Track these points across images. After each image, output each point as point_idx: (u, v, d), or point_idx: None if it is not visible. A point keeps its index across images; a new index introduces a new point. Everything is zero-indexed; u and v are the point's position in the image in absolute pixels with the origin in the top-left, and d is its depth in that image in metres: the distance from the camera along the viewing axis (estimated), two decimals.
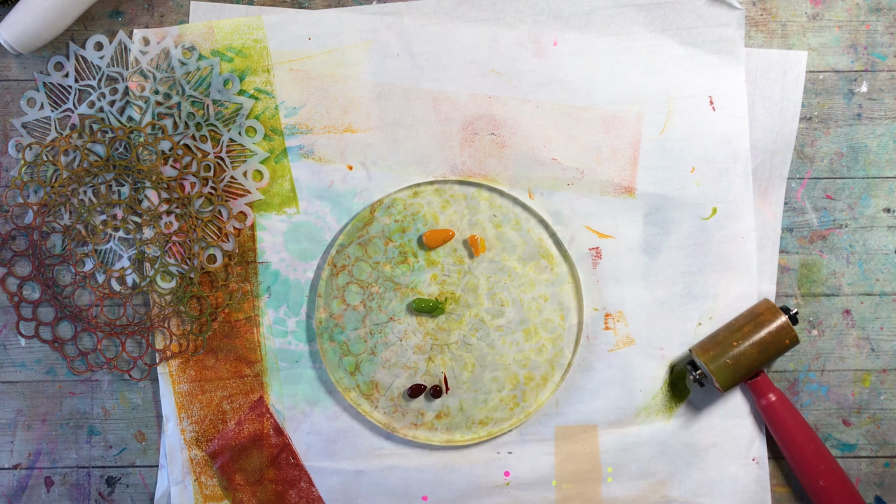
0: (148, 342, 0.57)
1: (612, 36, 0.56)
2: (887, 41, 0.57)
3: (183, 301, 0.56)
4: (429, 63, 0.56)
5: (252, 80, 0.56)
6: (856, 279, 0.58)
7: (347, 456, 0.58)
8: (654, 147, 0.56)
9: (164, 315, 0.56)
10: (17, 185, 0.56)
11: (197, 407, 0.57)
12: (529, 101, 0.56)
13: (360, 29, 0.56)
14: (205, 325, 0.57)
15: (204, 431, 0.57)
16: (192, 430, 0.57)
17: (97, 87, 0.56)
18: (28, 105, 0.56)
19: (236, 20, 0.56)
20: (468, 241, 0.56)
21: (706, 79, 0.56)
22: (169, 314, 0.56)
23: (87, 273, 0.56)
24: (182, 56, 0.55)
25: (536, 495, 0.57)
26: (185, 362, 0.57)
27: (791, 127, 0.57)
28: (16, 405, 0.58)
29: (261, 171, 0.56)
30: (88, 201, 0.56)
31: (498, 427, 0.56)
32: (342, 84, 0.56)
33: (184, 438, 0.57)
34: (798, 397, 0.58)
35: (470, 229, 0.56)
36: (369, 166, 0.56)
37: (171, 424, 0.57)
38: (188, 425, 0.57)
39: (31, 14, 0.52)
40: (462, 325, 0.56)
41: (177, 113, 0.55)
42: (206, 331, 0.57)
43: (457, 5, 0.56)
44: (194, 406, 0.57)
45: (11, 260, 0.57)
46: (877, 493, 0.58)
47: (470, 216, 0.56)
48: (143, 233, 0.56)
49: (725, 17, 0.56)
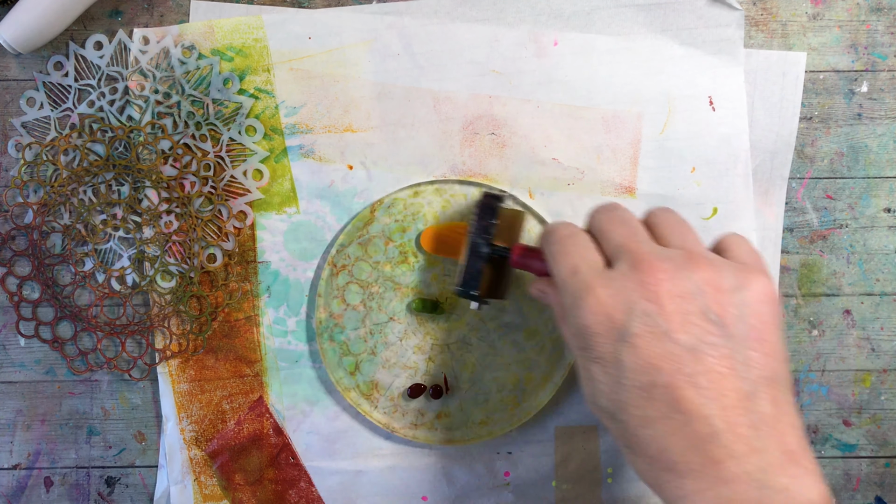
0: (148, 342, 0.57)
1: (613, 36, 0.56)
2: (888, 41, 0.57)
3: (183, 300, 0.56)
4: (429, 63, 0.56)
5: (252, 80, 0.56)
6: (856, 279, 0.58)
7: (347, 456, 0.58)
8: (655, 147, 0.56)
9: (164, 314, 0.56)
10: (17, 184, 0.56)
11: (196, 407, 0.57)
12: (530, 101, 0.56)
13: (360, 28, 0.56)
14: (205, 325, 0.57)
15: (203, 431, 0.57)
16: (191, 430, 0.57)
17: (97, 86, 0.56)
18: (28, 104, 0.56)
19: (236, 19, 0.56)
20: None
21: (706, 79, 0.56)
22: (169, 314, 0.56)
23: (87, 273, 0.56)
24: (182, 55, 0.55)
25: (536, 496, 0.57)
26: (185, 362, 0.57)
27: (791, 127, 0.57)
28: (15, 405, 0.58)
29: (261, 170, 0.56)
30: (88, 201, 0.56)
31: (498, 427, 0.56)
32: (342, 83, 0.56)
33: (183, 438, 0.57)
34: (799, 397, 0.58)
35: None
36: (369, 166, 0.56)
37: (170, 424, 0.57)
38: (188, 425, 0.57)
39: (30, 14, 0.52)
40: (462, 326, 0.56)
41: (176, 112, 0.55)
42: (206, 330, 0.56)
43: (457, 5, 0.56)
44: (194, 406, 0.57)
45: (11, 259, 0.57)
46: (877, 494, 0.58)
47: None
48: (143, 232, 0.56)
49: (725, 17, 0.56)
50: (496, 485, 0.57)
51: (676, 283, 0.38)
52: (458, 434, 0.57)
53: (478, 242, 0.50)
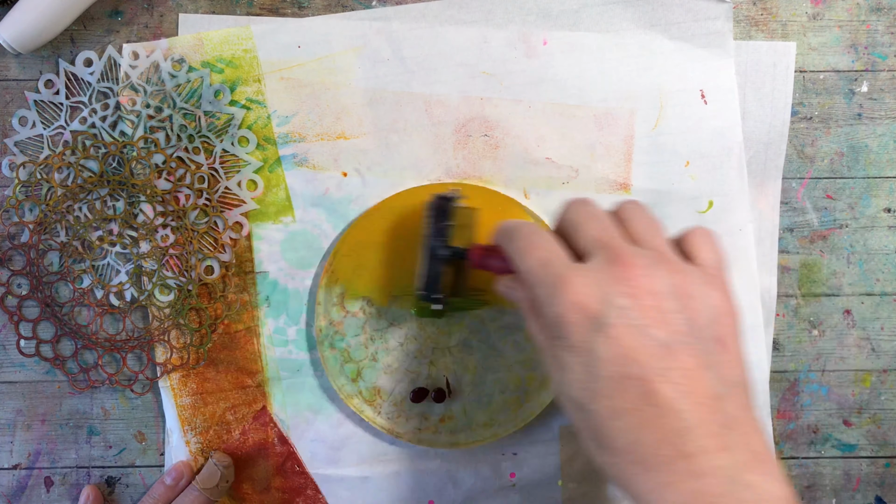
0: (148, 356, 0.57)
1: (602, 33, 0.56)
2: (888, 41, 0.57)
3: (182, 314, 0.56)
4: (419, 67, 0.56)
5: (243, 90, 0.56)
6: (856, 279, 0.58)
7: (352, 462, 0.58)
8: (648, 143, 0.56)
9: (164, 328, 0.56)
10: (13, 204, 0.56)
11: (200, 419, 0.57)
12: (521, 102, 0.56)
13: (349, 35, 0.56)
14: (205, 337, 0.57)
15: (209, 443, 0.57)
16: (196, 442, 0.57)
17: (88, 102, 0.56)
18: (20, 123, 0.56)
19: (225, 31, 0.56)
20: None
21: (697, 73, 0.56)
22: (168, 327, 0.56)
23: (85, 289, 0.56)
24: (172, 69, 0.55)
25: (543, 496, 0.57)
26: (186, 375, 0.57)
27: (784, 118, 0.56)
28: (15, 405, 0.58)
29: (255, 180, 0.56)
30: (84, 217, 0.56)
31: (502, 429, 0.56)
32: (333, 91, 0.56)
33: (189, 450, 0.57)
34: (798, 397, 0.58)
35: None
36: (364, 172, 0.56)
37: (175, 437, 0.57)
38: (192, 437, 0.57)
39: (30, 14, 0.52)
40: (463, 328, 0.56)
41: (169, 126, 0.55)
42: (206, 343, 0.56)
43: (445, 8, 0.56)
44: (197, 418, 0.57)
45: (10, 280, 0.57)
46: (877, 494, 0.58)
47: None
48: (140, 247, 0.56)
49: (713, 10, 0.55)
50: (502, 486, 0.57)
51: (652, 280, 0.38)
52: (463, 437, 0.57)
53: (435, 245, 0.50)
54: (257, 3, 0.56)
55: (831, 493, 0.59)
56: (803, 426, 0.58)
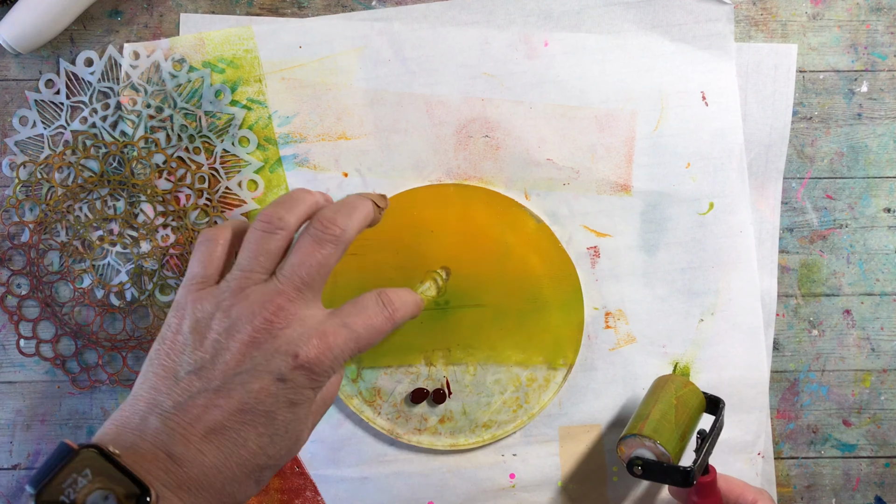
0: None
1: (603, 34, 0.56)
2: (888, 41, 0.57)
3: None
4: (420, 67, 0.56)
5: (244, 91, 0.56)
6: (856, 279, 0.58)
7: (352, 463, 0.58)
8: (649, 144, 0.56)
9: None
10: (13, 203, 0.56)
11: None
12: (522, 103, 0.56)
13: (350, 36, 0.56)
14: None
15: None
16: None
17: (89, 102, 0.56)
18: (20, 123, 0.56)
19: (226, 31, 0.56)
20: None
21: (698, 74, 0.56)
22: None
23: (85, 289, 0.56)
24: (172, 69, 0.55)
25: (542, 496, 0.57)
26: None
27: (784, 120, 0.56)
28: (15, 405, 0.58)
29: (256, 181, 0.56)
30: (84, 217, 0.56)
31: (502, 430, 0.56)
32: (335, 91, 0.56)
33: None
34: (798, 397, 0.58)
35: None
36: (364, 173, 0.56)
37: None
38: None
39: (30, 13, 0.52)
40: (463, 329, 0.56)
41: (169, 126, 0.55)
42: None
43: (447, 9, 0.56)
44: None
45: (10, 279, 0.57)
46: (877, 494, 0.58)
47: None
48: (140, 247, 0.56)
49: (714, 12, 0.55)
50: (502, 486, 0.57)
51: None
52: (462, 437, 0.57)
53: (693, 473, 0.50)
54: (257, 2, 0.56)
55: (831, 493, 0.59)
56: (803, 426, 0.58)
